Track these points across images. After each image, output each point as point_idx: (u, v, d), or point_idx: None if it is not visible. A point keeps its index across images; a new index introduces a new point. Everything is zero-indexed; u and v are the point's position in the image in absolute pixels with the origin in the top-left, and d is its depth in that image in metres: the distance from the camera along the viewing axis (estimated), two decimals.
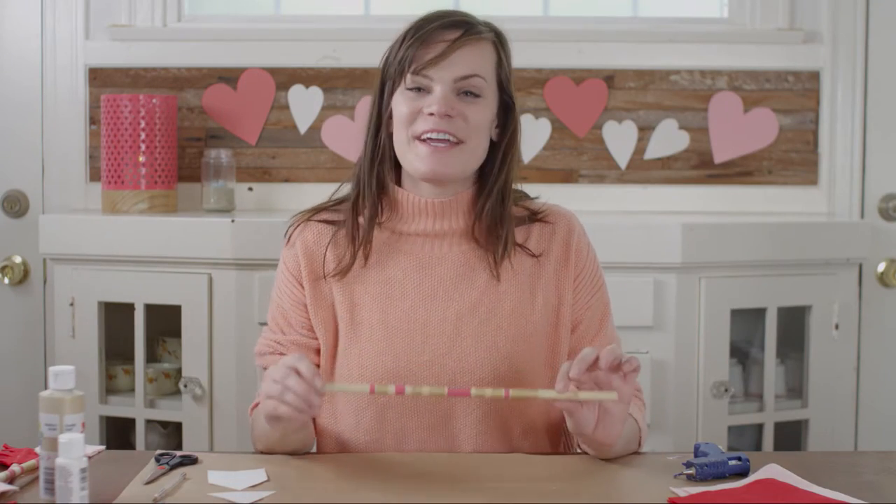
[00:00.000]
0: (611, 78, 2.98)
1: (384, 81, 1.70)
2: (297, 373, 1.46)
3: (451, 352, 1.65)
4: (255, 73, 2.99)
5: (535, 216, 1.74)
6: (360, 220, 1.70)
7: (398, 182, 1.72)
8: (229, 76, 2.99)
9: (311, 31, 3.00)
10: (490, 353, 1.65)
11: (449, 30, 1.65)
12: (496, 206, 1.68)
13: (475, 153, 1.67)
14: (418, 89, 1.65)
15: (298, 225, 1.76)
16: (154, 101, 2.81)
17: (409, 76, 1.65)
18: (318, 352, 1.72)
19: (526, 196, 1.77)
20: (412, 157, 1.65)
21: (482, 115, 1.65)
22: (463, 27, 1.65)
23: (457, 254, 1.69)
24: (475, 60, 1.65)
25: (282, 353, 1.70)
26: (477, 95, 1.65)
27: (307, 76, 2.99)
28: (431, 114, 1.62)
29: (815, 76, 2.98)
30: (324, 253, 1.71)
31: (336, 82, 2.99)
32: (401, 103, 1.66)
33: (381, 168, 1.71)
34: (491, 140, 1.71)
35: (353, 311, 1.69)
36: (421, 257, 1.69)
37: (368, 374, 1.65)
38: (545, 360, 1.70)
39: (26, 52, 3.00)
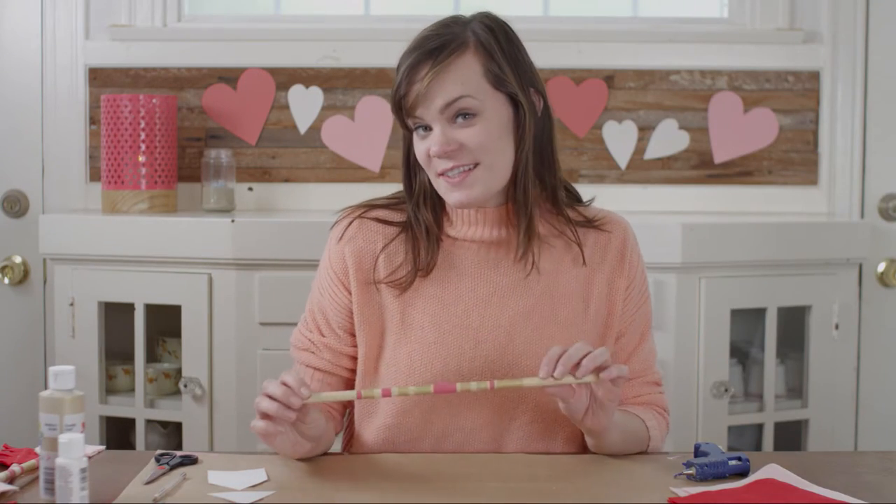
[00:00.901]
0: (611, 78, 2.98)
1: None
2: (282, 384, 1.48)
3: (501, 358, 1.63)
4: (255, 73, 2.99)
5: (591, 223, 1.72)
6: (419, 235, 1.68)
7: None
8: (229, 76, 2.99)
9: (311, 31, 3.01)
10: (539, 361, 1.62)
11: (422, 64, 1.60)
12: (521, 197, 1.65)
13: (493, 169, 1.62)
14: (424, 128, 1.62)
15: (352, 221, 1.71)
16: (154, 101, 2.81)
17: (408, 120, 1.63)
18: (353, 358, 1.70)
19: (578, 198, 1.75)
20: (441, 192, 1.64)
21: (484, 133, 1.60)
22: (433, 55, 1.59)
23: (513, 261, 1.67)
24: (454, 83, 1.59)
25: (314, 353, 1.71)
26: (473, 115, 1.60)
27: (307, 76, 2.99)
28: (436, 154, 1.60)
29: (815, 76, 2.98)
30: (375, 257, 1.68)
31: (336, 82, 2.99)
32: (415, 145, 1.65)
33: (416, 209, 1.68)
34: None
35: (404, 311, 1.66)
36: (476, 262, 1.67)
37: (417, 375, 1.63)
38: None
39: (26, 52, 3.00)
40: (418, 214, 1.68)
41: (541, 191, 1.69)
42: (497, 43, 1.63)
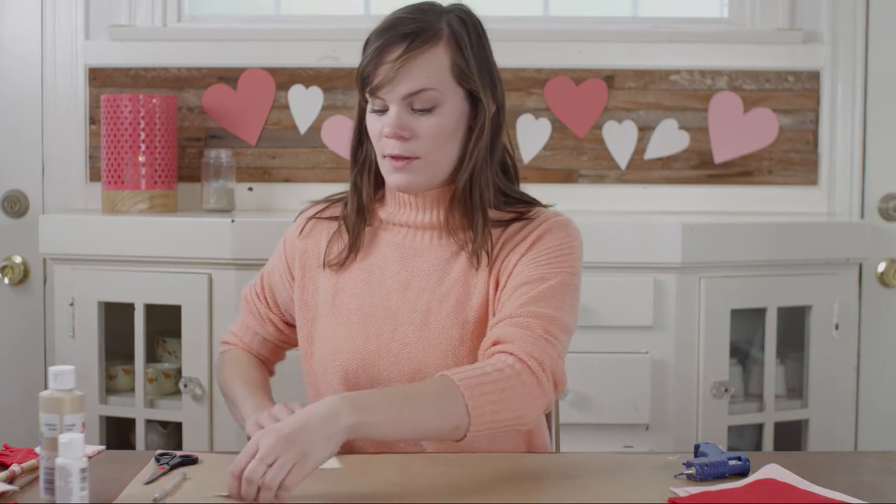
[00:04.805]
0: (611, 78, 2.98)
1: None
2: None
3: (417, 341, 1.67)
4: (255, 73, 2.99)
5: (519, 218, 1.70)
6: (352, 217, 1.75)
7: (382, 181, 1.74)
8: (229, 76, 2.99)
9: (311, 31, 3.01)
10: (454, 344, 1.66)
11: (394, 46, 1.62)
12: (464, 198, 1.68)
13: (435, 164, 1.66)
14: (381, 109, 1.65)
15: (311, 217, 1.80)
16: (154, 101, 2.82)
17: (369, 97, 1.66)
18: (282, 328, 1.85)
19: (528, 201, 1.73)
20: (384, 172, 1.69)
21: (437, 127, 1.64)
22: (406, 40, 1.62)
23: (436, 247, 1.71)
24: (422, 73, 1.62)
25: (258, 320, 1.86)
26: (430, 109, 1.63)
27: (307, 76, 2.99)
28: (388, 135, 1.64)
29: (815, 76, 2.98)
30: (325, 246, 1.76)
31: (336, 82, 2.99)
32: (369, 122, 1.68)
33: (359, 178, 1.75)
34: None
35: (336, 294, 1.73)
36: (402, 248, 1.72)
37: (341, 355, 1.69)
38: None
39: (26, 52, 3.00)
40: (359, 184, 1.74)
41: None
42: (469, 38, 1.66)
